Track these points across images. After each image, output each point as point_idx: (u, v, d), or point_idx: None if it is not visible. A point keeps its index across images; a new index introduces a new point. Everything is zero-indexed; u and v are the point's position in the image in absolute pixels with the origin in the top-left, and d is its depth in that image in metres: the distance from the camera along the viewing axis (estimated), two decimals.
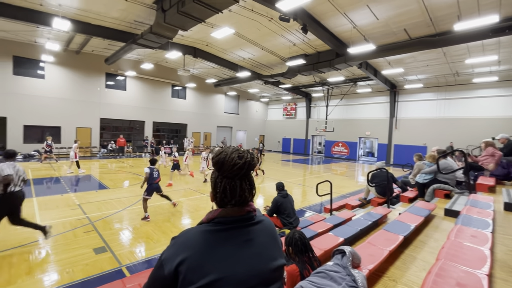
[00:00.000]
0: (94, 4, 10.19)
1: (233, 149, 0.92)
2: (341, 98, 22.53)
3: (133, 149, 19.76)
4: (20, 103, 15.31)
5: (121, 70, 18.78)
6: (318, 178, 12.62)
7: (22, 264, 3.84)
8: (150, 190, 5.98)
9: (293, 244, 2.12)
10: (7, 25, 12.30)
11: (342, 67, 13.96)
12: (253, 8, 10.10)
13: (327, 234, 3.01)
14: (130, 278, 3.12)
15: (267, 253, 0.93)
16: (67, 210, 6.35)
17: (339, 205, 6.45)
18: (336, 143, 24.12)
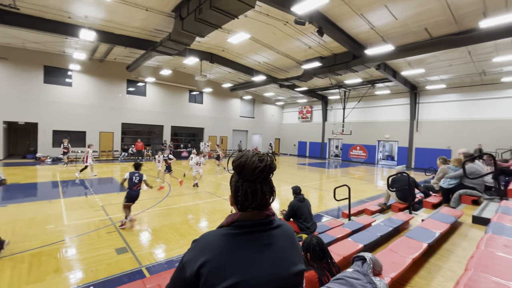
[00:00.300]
0: (117, 14, 10.70)
1: (253, 153, 0.93)
2: (358, 101, 22.02)
3: (152, 153, 20.36)
4: (50, 110, 16.31)
5: (141, 77, 19.53)
6: (336, 182, 12.36)
7: (51, 262, 4.06)
8: (128, 196, 5.60)
9: (311, 250, 2.07)
10: (39, 37, 13.21)
11: (360, 69, 13.68)
12: (269, 13, 10.19)
13: (346, 240, 2.93)
14: (150, 279, 3.19)
15: (287, 257, 0.92)
16: (91, 211, 6.64)
17: (358, 210, 6.28)
18: (354, 147, 23.56)
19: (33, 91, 15.77)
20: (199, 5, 8.49)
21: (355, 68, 13.49)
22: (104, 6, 9.95)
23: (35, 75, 15.84)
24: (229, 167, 16.72)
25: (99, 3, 9.69)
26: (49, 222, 5.75)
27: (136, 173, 5.70)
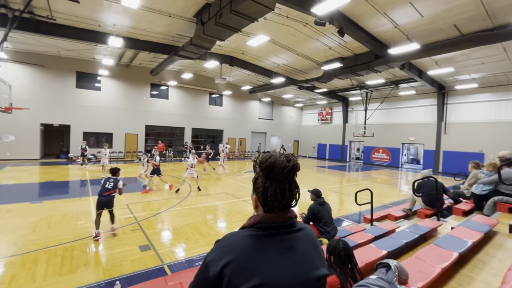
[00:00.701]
0: (142, 21, 11.21)
1: (280, 153, 0.94)
2: (381, 102, 21.27)
3: (174, 154, 21.01)
4: (81, 113, 17.39)
5: (164, 80, 20.26)
6: (357, 186, 12.00)
7: (81, 256, 4.31)
8: (98, 204, 5.03)
9: (336, 254, 2.02)
10: (73, 45, 14.16)
11: (382, 69, 13.23)
12: (288, 15, 10.17)
13: (369, 245, 2.84)
14: (172, 277, 3.29)
15: (309, 261, 0.92)
16: (117, 209, 6.93)
17: (381, 216, 6.05)
18: (376, 149, 22.75)
19: (66, 95, 16.91)
20: (220, 9, 8.67)
21: (378, 68, 13.06)
22: (130, 14, 10.46)
23: (68, 80, 16.99)
24: (245, 169, 16.80)
25: (126, 11, 10.20)
26: (80, 218, 6.11)
27: (111, 179, 5.20)
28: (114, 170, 5.34)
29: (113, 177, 5.25)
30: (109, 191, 5.10)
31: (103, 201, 5.04)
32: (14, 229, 5.35)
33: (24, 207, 6.84)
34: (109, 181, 5.17)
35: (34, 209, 6.65)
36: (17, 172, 12.02)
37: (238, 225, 6.12)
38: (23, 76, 15.58)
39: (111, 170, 5.35)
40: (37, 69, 16.00)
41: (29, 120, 15.65)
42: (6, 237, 4.95)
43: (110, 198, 5.13)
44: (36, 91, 16.02)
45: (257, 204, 0.97)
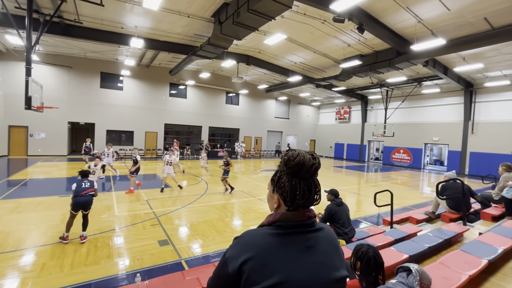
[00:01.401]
0: (161, 22, 11.51)
1: (304, 151, 0.94)
2: (402, 100, 20.47)
3: (191, 152, 21.45)
4: (104, 111, 18.20)
5: (182, 80, 20.72)
6: (376, 187, 11.65)
7: (105, 248, 4.52)
8: (75, 203, 4.69)
9: (365, 261, 1.90)
10: (97, 47, 14.83)
11: (404, 66, 12.72)
12: (306, 12, 10.03)
13: (388, 248, 2.75)
14: (189, 272, 3.37)
15: (329, 262, 0.91)
16: (137, 205, 7.23)
17: (401, 218, 5.83)
18: (397, 150, 21.94)
19: (91, 95, 17.76)
20: (237, 8, 8.72)
21: (399, 65, 12.57)
22: (151, 15, 10.77)
23: (93, 80, 17.82)
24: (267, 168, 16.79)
25: (147, 13, 10.52)
26: (103, 212, 6.41)
27: (85, 180, 4.94)
28: (84, 173, 5.09)
29: (85, 179, 4.99)
30: (88, 189, 4.82)
31: (82, 200, 4.73)
32: (45, 220, 5.71)
33: (53, 200, 7.28)
34: (83, 182, 4.90)
35: (62, 203, 7.05)
36: (47, 167, 12.80)
37: (253, 223, 6.16)
38: (52, 77, 16.53)
39: (80, 173, 5.06)
40: (65, 70, 16.92)
41: (58, 118, 16.59)
42: (37, 228, 5.29)
43: (89, 196, 4.83)
44: (64, 91, 16.95)
45: (280, 203, 0.95)
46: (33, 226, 5.35)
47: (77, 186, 4.80)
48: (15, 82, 15.11)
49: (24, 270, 3.74)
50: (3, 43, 14.05)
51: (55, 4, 9.36)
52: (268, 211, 7.30)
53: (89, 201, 4.85)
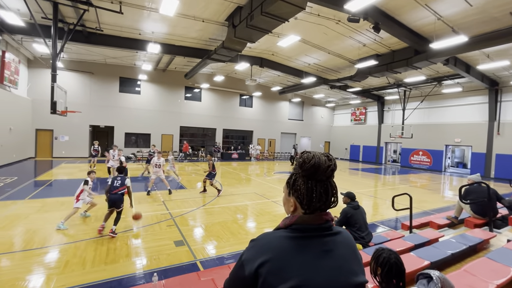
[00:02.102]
0: (177, 28, 11.81)
1: (319, 153, 0.93)
2: (421, 100, 19.77)
3: (206, 154, 21.74)
4: (123, 115, 18.86)
5: (197, 83, 21.12)
6: (393, 190, 11.30)
7: (123, 247, 4.66)
8: (109, 201, 5.14)
9: (386, 267, 1.82)
10: (117, 53, 15.43)
11: (423, 65, 12.29)
12: (320, 13, 9.95)
13: (408, 254, 2.66)
14: (204, 273, 3.41)
15: (347, 267, 0.89)
16: (154, 205, 7.41)
17: (421, 223, 5.62)
18: (416, 151, 21.17)
19: (111, 99, 18.47)
20: (251, 11, 8.79)
21: (418, 64, 12.17)
22: (167, 21, 11.08)
23: (113, 85, 18.54)
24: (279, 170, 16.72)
25: (164, 19, 10.83)
26: (122, 213, 6.60)
27: (118, 177, 5.31)
28: (120, 168, 5.56)
29: (120, 175, 5.41)
30: (118, 188, 5.19)
31: (113, 198, 5.14)
32: (68, 220, 5.97)
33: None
34: (116, 179, 5.29)
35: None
36: (70, 168, 13.40)
37: (267, 226, 6.15)
38: (75, 82, 17.35)
39: (117, 169, 5.57)
40: (87, 76, 17.71)
41: (80, 122, 17.36)
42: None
43: (120, 195, 5.17)
44: (86, 96, 17.74)
45: (296, 206, 0.94)
46: (57, 225, 5.61)
47: (111, 183, 5.23)
48: (42, 88, 15.99)
49: (49, 266, 3.93)
50: (31, 51, 14.93)
51: (78, 13, 9.85)
52: (282, 213, 7.26)
53: (119, 199, 5.16)
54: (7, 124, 13.05)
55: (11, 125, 13.51)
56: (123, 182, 5.28)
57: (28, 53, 15.28)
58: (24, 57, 15.35)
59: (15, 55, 13.61)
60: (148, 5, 9.80)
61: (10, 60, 12.91)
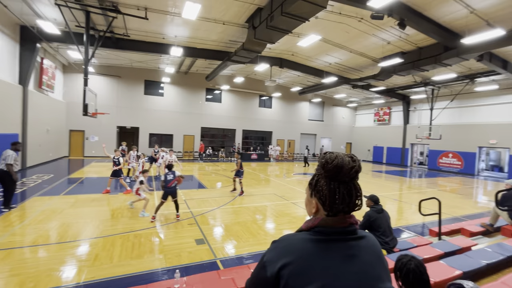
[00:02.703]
0: (199, 31, 12.11)
1: (343, 153, 0.91)
2: (451, 99, 18.64)
3: (226, 155, 22.07)
4: (147, 116, 19.67)
5: (217, 85, 21.50)
6: (420, 194, 10.75)
7: (147, 243, 4.86)
8: (164, 193, 6.07)
9: (404, 274, 1.74)
10: (142, 57, 16.14)
11: (453, 62, 11.59)
12: (341, 11, 9.73)
13: (437, 262, 2.52)
14: (224, 272, 3.46)
15: (373, 272, 0.86)
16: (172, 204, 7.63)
17: (451, 229, 5.29)
18: (445, 154, 19.97)
19: (136, 101, 19.35)
20: (271, 12, 8.80)
21: (447, 61, 11.49)
22: (189, 25, 11.40)
23: (138, 88, 19.41)
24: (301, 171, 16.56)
25: (186, 23, 11.16)
26: (146, 210, 6.88)
27: (169, 173, 6.13)
28: (169, 165, 6.32)
29: (170, 171, 6.18)
30: (172, 181, 6.04)
31: (169, 191, 6.02)
32: (97, 215, 6.33)
33: (105, 197, 8.05)
34: (168, 174, 6.09)
35: (112, 200, 7.77)
36: (100, 167, 14.20)
37: (287, 227, 6.11)
38: (104, 86, 18.37)
39: (167, 166, 6.29)
40: (114, 80, 18.69)
41: (108, 123, 18.34)
42: (91, 221, 5.90)
43: (174, 188, 6.10)
44: (113, 98, 18.72)
45: (318, 208, 0.92)
46: (88, 220, 5.97)
47: (165, 177, 6.04)
48: (75, 91, 17.12)
49: (81, 259, 4.19)
50: (66, 57, 16.04)
51: (107, 20, 10.43)
52: (302, 215, 7.17)
53: (175, 191, 6.18)
54: (45, 125, 14.11)
55: (48, 126, 14.59)
56: (174, 175, 6.11)
57: (63, 59, 16.43)
58: (60, 63, 16.51)
59: (52, 62, 14.71)
60: (171, 10, 10.15)
61: (48, 66, 13.97)
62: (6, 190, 6.35)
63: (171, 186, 6.07)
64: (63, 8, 9.15)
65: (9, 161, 6.20)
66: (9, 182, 6.28)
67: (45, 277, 3.62)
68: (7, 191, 6.37)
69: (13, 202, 6.64)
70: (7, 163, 6.19)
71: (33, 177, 10.61)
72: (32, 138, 12.63)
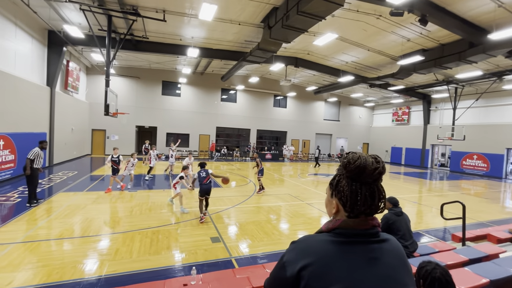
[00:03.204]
0: (215, 32, 12.26)
1: (366, 154, 0.89)
2: (476, 98, 17.71)
3: (240, 154, 22.20)
4: (165, 116, 20.18)
5: (233, 85, 21.68)
6: (441, 197, 10.31)
7: (164, 240, 4.99)
8: (201, 191, 6.15)
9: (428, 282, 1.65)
10: (160, 59, 16.58)
11: (479, 59, 11.00)
12: (359, 9, 9.50)
13: (462, 269, 2.41)
14: (239, 270, 3.48)
15: (396, 277, 0.83)
16: (191, 202, 7.79)
17: (476, 235, 5.03)
18: (469, 155, 19.01)
19: (154, 101, 19.90)
20: (286, 12, 8.75)
21: (473, 58, 10.93)
22: (206, 26, 11.57)
23: (156, 88, 19.96)
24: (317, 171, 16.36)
25: (202, 24, 11.33)
26: (163, 208, 7.09)
27: (202, 171, 6.27)
28: (202, 163, 6.48)
29: (203, 169, 6.34)
30: (206, 178, 6.17)
31: (204, 188, 6.12)
32: (117, 211, 6.58)
33: (124, 194, 8.35)
34: (201, 172, 6.24)
35: (131, 197, 8.04)
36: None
37: (301, 228, 6.06)
38: (124, 86, 19.03)
39: (199, 164, 6.46)
40: (134, 81, 19.32)
41: (128, 123, 18.97)
42: (112, 217, 6.14)
43: (209, 184, 6.20)
44: (133, 99, 19.35)
45: (339, 209, 0.91)
46: (109, 216, 6.23)
47: (198, 175, 6.22)
48: (97, 92, 17.86)
49: (102, 253, 4.38)
50: (89, 60, 16.78)
51: (127, 23, 10.79)
52: (317, 216, 7.09)
53: (210, 188, 6.24)
54: (69, 125, 14.84)
55: (73, 126, 15.32)
56: (207, 173, 6.25)
57: (86, 62, 17.19)
58: (83, 65, 17.29)
59: (76, 64, 15.44)
60: (188, 12, 10.35)
61: (73, 68, 14.68)
62: (27, 186, 6.65)
63: (206, 183, 6.16)
64: (87, 13, 9.58)
65: (28, 156, 6.51)
66: (28, 179, 6.56)
67: (70, 269, 3.81)
68: (28, 188, 6.66)
69: (39, 197, 7.01)
70: (27, 157, 6.52)
71: (59, 173, 11.19)
72: (59, 136, 13.31)
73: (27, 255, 4.16)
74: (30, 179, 6.59)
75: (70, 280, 3.55)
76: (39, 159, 6.74)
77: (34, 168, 6.59)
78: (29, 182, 6.62)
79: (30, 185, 6.64)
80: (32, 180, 6.64)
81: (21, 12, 10.00)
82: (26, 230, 5.15)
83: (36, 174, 6.67)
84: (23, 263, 3.89)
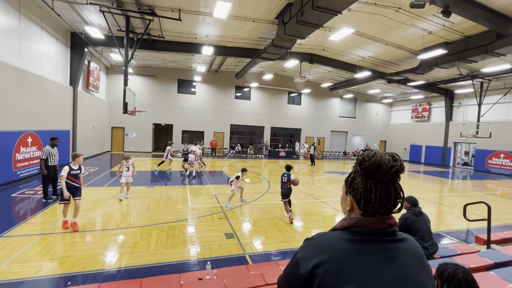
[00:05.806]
0: (229, 29, 12.30)
1: (383, 152, 0.87)
2: (505, 93, 16.70)
3: (254, 151, 22.27)
4: (180, 114, 20.58)
5: (247, 83, 21.72)
6: (464, 198, 9.86)
7: (180, 235, 5.11)
8: (282, 194, 6.36)
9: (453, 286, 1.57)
10: (176, 57, 16.89)
11: (508, 51, 10.36)
12: (376, 2, 9.19)
13: (486, 273, 2.30)
14: (253, 267, 3.51)
15: (416, 278, 0.80)
16: (207, 198, 7.92)
17: (502, 238, 4.77)
18: (495, 154, 17.99)
19: (170, 99, 20.34)
20: (301, 7, 8.62)
21: (501, 51, 10.30)
22: (220, 24, 11.63)
23: (172, 87, 20.37)
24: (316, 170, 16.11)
25: (217, 22, 11.40)
26: (179, 203, 7.25)
27: (285, 174, 6.37)
28: (288, 166, 6.59)
29: (286, 172, 6.41)
30: (286, 183, 6.26)
31: (284, 192, 6.28)
32: (136, 206, 6.81)
33: (141, 190, 8.62)
34: (284, 176, 6.36)
35: (148, 192, 8.29)
36: (137, 161, 15.20)
37: (315, 226, 6.01)
38: (141, 85, 19.57)
39: (286, 167, 6.60)
40: (150, 79, 19.82)
41: (145, 120, 19.53)
42: (130, 212, 6.37)
43: (288, 189, 6.29)
44: (149, 97, 19.87)
45: (353, 206, 0.89)
46: (127, 210, 6.46)
47: (281, 179, 6.39)
48: (116, 91, 18.51)
49: (122, 246, 4.55)
50: (109, 60, 17.38)
51: (144, 23, 11.06)
52: (331, 214, 7.00)
53: (289, 192, 6.34)
54: (91, 122, 15.48)
55: (94, 124, 15.97)
56: (289, 178, 6.29)
57: (106, 61, 17.81)
58: (103, 65, 17.93)
59: (97, 64, 16.04)
60: (203, 10, 10.44)
61: (93, 68, 15.26)
62: (42, 184, 6.95)
63: (286, 188, 6.27)
64: (107, 14, 9.90)
65: (41, 156, 6.84)
66: (44, 177, 6.89)
67: (92, 260, 4.00)
68: (42, 185, 6.95)
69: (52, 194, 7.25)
70: (40, 157, 6.84)
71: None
72: (81, 134, 13.93)
73: (53, 246, 4.41)
74: (45, 177, 6.88)
75: (92, 270, 3.73)
76: (52, 156, 6.98)
77: (49, 166, 6.88)
78: (44, 181, 6.90)
79: (45, 183, 6.91)
80: (47, 179, 6.92)
81: (46, 16, 10.50)
82: (53, 223, 5.45)
83: (52, 172, 6.95)
84: (49, 253, 4.13)
